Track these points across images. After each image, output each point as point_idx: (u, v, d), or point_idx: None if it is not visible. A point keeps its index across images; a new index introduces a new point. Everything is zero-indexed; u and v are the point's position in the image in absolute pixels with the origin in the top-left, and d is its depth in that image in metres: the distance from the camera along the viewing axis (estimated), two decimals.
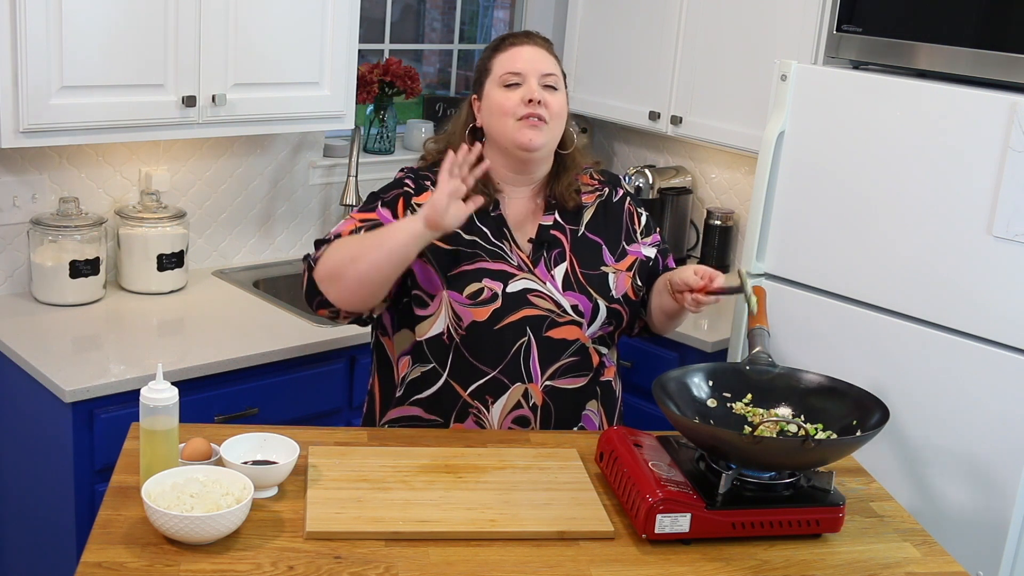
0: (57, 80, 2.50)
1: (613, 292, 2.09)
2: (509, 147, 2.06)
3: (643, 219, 2.22)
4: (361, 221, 2.06)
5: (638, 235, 2.19)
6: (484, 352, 2.03)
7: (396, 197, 2.08)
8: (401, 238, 1.90)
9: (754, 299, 1.97)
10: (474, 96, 2.12)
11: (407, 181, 2.11)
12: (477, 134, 2.11)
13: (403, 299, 2.08)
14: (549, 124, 2.05)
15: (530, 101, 2.03)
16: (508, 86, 2.05)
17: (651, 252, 2.19)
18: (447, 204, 1.86)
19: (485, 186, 2.07)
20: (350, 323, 2.11)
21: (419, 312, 2.05)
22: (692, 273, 2.00)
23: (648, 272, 2.18)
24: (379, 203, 2.09)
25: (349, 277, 1.94)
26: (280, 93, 2.90)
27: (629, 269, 2.14)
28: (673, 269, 2.15)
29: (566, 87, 2.12)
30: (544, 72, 2.06)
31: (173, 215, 2.96)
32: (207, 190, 3.17)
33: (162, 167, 3.04)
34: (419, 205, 2.04)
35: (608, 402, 2.15)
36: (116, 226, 2.95)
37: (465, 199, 1.90)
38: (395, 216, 2.06)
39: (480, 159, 1.93)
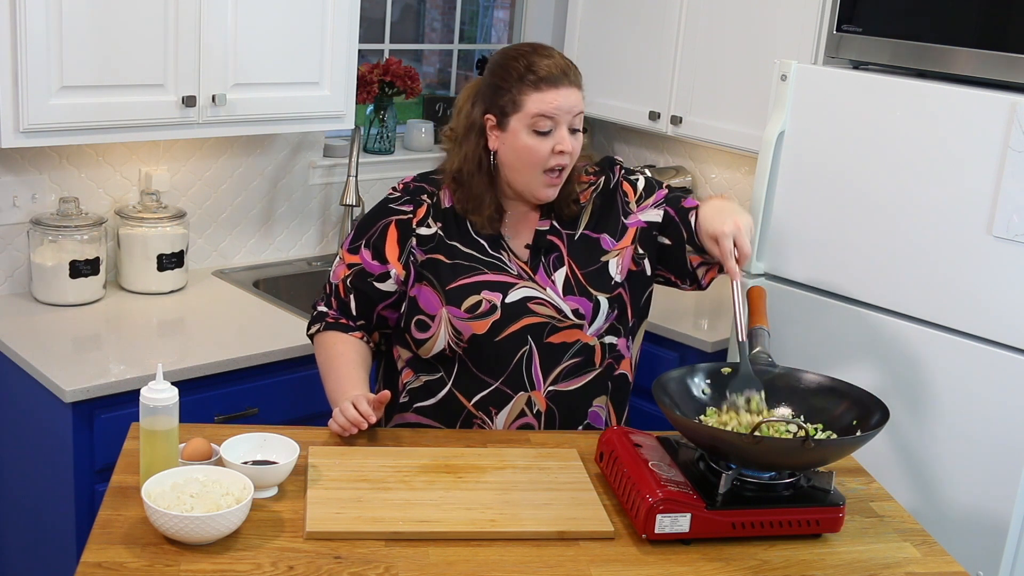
0: (57, 80, 2.50)
1: (615, 278, 2.07)
2: (525, 193, 2.05)
3: (639, 185, 2.15)
4: (349, 267, 2.09)
5: (633, 204, 2.12)
6: (486, 364, 2.02)
7: (384, 231, 2.08)
8: (329, 395, 2.07)
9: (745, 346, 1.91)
10: (489, 117, 2.02)
11: (400, 206, 2.09)
12: (490, 154, 2.05)
13: (402, 324, 2.08)
14: (567, 168, 2.03)
15: (560, 152, 1.99)
16: (539, 132, 1.98)
17: (655, 215, 2.11)
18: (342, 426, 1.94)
19: (492, 212, 2.06)
20: None
21: (420, 336, 2.05)
22: (712, 243, 1.95)
23: (661, 230, 2.11)
24: (363, 242, 2.09)
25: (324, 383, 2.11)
26: (280, 93, 2.90)
27: (633, 242, 2.10)
28: (695, 207, 2.09)
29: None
30: (575, 114, 2.01)
31: (173, 215, 2.96)
32: (207, 190, 3.17)
33: (162, 167, 3.04)
34: (418, 224, 2.06)
35: (619, 396, 2.14)
36: (116, 226, 2.95)
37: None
38: (382, 260, 2.06)
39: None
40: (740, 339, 1.88)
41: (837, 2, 2.84)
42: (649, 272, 2.12)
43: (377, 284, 2.07)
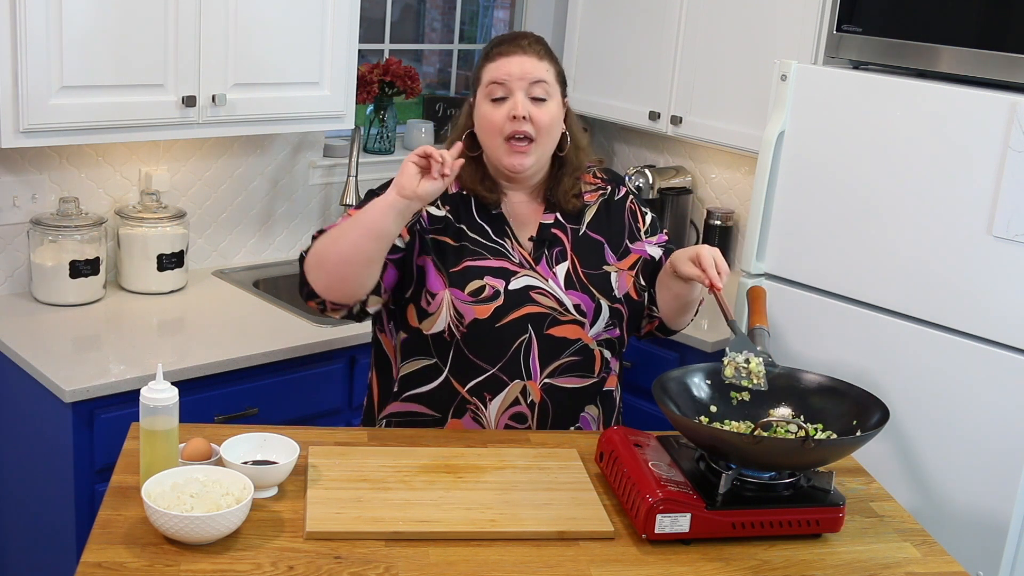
0: (57, 80, 2.50)
1: (616, 291, 2.08)
2: (497, 165, 2.06)
3: (648, 218, 2.20)
4: (357, 207, 2.04)
5: (642, 234, 2.17)
6: (484, 349, 2.02)
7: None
8: (376, 212, 1.87)
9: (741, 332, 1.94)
10: (471, 100, 2.10)
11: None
12: (475, 138, 2.09)
13: (403, 297, 2.08)
14: (537, 141, 2.02)
15: (514, 118, 1.98)
16: (494, 100, 2.01)
17: (656, 252, 2.16)
18: (415, 173, 1.82)
19: (487, 182, 2.08)
20: (343, 317, 2.06)
21: (426, 307, 2.04)
22: (691, 264, 1.95)
23: (652, 271, 2.16)
24: (374, 197, 2.08)
25: (331, 260, 1.92)
26: (280, 93, 2.90)
27: (632, 268, 2.13)
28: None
29: (565, 87, 2.09)
30: (532, 80, 2.00)
31: (173, 215, 2.96)
32: (207, 190, 3.17)
33: (162, 167, 3.04)
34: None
35: (607, 410, 2.15)
36: (116, 226, 2.95)
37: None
38: None
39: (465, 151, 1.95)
40: (730, 318, 1.91)
41: (837, 2, 2.84)
42: (645, 304, 2.16)
43: None
